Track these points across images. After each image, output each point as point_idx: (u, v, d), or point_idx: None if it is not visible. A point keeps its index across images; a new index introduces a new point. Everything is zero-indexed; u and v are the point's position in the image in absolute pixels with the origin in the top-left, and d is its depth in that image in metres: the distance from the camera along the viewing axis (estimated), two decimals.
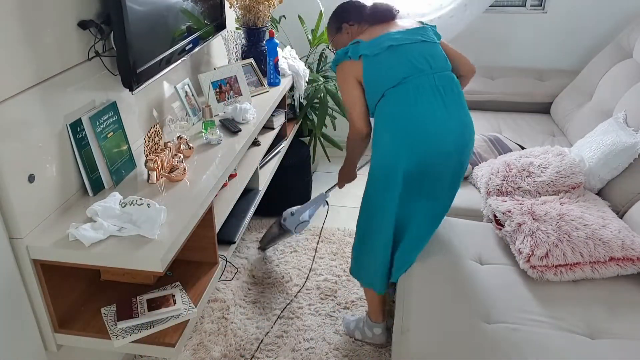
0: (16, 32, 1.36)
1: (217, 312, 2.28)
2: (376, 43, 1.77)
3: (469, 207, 2.18)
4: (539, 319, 1.57)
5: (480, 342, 1.49)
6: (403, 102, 1.73)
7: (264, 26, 2.71)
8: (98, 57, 1.67)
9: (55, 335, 1.60)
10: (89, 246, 1.44)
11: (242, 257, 2.64)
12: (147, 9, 1.76)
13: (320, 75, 3.16)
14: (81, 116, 1.63)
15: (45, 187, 1.52)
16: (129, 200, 1.56)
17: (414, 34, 1.80)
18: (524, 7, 3.23)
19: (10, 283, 1.45)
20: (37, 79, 1.45)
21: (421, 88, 1.72)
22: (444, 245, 1.89)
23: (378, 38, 1.77)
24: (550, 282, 1.71)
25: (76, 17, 1.58)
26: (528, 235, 1.77)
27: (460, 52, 1.94)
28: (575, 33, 3.17)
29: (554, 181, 2.06)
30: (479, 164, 2.35)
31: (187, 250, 1.73)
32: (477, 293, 1.67)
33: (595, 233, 1.75)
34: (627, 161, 2.04)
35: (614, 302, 1.64)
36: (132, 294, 1.70)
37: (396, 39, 1.77)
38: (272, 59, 2.64)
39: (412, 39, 1.78)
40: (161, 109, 2.17)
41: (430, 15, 3.11)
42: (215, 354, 2.08)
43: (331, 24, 1.97)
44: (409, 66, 1.74)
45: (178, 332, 1.59)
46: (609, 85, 2.59)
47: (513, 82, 3.09)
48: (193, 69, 2.46)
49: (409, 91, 1.72)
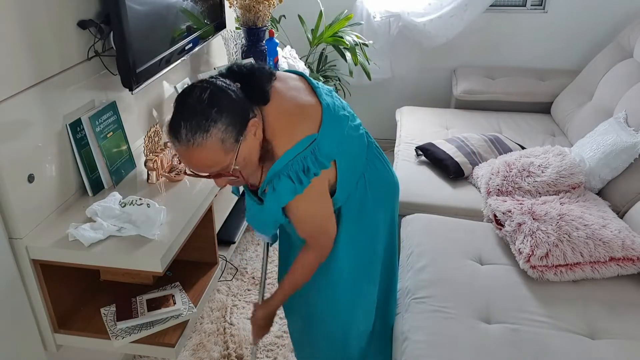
0: (16, 32, 1.36)
1: (217, 312, 2.28)
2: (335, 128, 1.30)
3: (469, 207, 2.18)
4: (539, 319, 1.57)
5: (480, 342, 1.49)
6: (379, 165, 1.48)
7: (264, 26, 2.71)
8: (98, 56, 1.67)
9: (54, 335, 1.60)
10: (88, 246, 1.44)
11: (242, 257, 2.63)
12: (146, 8, 1.76)
13: (320, 75, 3.16)
14: (81, 116, 1.63)
15: (44, 187, 1.51)
16: (128, 200, 1.56)
17: (325, 93, 1.35)
18: (524, 7, 3.22)
19: (10, 283, 1.45)
20: (36, 79, 1.45)
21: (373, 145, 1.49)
22: (444, 245, 1.89)
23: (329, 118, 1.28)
24: (550, 282, 1.71)
25: (76, 17, 1.58)
26: (528, 235, 1.77)
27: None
28: (575, 33, 3.17)
29: (554, 181, 2.05)
30: (479, 164, 2.35)
31: (187, 250, 1.72)
32: (477, 293, 1.66)
33: (595, 233, 1.74)
34: (627, 161, 2.04)
35: (614, 302, 1.64)
36: (132, 294, 1.70)
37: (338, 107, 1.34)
38: (272, 59, 2.64)
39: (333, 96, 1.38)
40: (161, 108, 2.17)
41: (430, 15, 3.10)
42: (215, 354, 2.08)
43: (222, 129, 1.13)
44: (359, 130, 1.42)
45: (178, 332, 1.59)
46: (609, 85, 2.59)
47: (513, 82, 3.09)
48: (193, 68, 2.46)
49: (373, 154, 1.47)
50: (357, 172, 1.41)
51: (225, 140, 1.13)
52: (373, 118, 3.58)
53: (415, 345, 1.50)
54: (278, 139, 1.23)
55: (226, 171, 1.18)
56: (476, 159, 2.38)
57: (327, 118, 1.28)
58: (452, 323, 1.56)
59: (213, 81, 1.18)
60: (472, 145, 2.44)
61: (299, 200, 1.26)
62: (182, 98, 1.16)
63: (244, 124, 1.16)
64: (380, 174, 1.46)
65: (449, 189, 2.30)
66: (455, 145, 2.43)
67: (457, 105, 3.14)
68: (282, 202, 1.27)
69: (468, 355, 1.45)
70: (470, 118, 2.95)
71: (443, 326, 1.55)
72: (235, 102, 1.16)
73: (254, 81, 1.24)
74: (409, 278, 1.77)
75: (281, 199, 1.26)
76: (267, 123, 1.23)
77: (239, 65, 1.27)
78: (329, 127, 1.27)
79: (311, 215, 1.34)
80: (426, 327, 1.55)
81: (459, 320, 1.56)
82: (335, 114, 1.31)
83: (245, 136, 1.17)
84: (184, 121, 1.12)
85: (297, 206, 1.29)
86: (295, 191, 1.24)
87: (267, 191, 1.28)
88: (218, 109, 1.12)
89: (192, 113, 1.12)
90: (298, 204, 1.28)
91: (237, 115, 1.15)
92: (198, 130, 1.11)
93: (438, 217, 2.07)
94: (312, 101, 1.30)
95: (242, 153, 1.17)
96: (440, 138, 2.60)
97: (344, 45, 2.95)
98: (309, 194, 1.26)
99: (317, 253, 1.40)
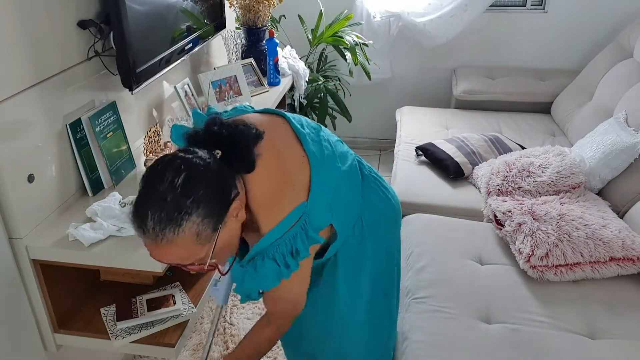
0: (16, 32, 1.36)
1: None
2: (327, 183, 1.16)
3: (469, 207, 2.18)
4: (539, 319, 1.57)
5: (480, 342, 1.49)
6: (376, 197, 1.34)
7: (264, 26, 2.71)
8: (97, 56, 1.67)
9: (54, 335, 1.60)
10: (88, 246, 1.44)
11: None
12: (146, 8, 1.76)
13: (320, 75, 3.16)
14: (81, 116, 1.63)
15: (44, 187, 1.51)
16: (128, 200, 1.56)
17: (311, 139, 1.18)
18: (524, 7, 3.22)
19: (10, 283, 1.45)
20: (36, 79, 1.45)
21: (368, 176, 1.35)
22: (444, 245, 1.89)
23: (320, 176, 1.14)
24: (550, 282, 1.71)
25: (76, 17, 1.58)
26: (528, 235, 1.77)
27: None
28: (575, 33, 3.17)
29: (555, 181, 2.06)
30: (479, 164, 2.35)
31: None
32: (477, 293, 1.66)
33: (595, 233, 1.74)
34: (627, 161, 2.04)
35: (614, 302, 1.64)
36: (132, 294, 1.70)
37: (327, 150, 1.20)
38: (272, 59, 2.64)
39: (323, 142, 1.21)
40: (161, 108, 2.17)
41: (430, 15, 3.10)
42: (215, 354, 2.08)
43: (196, 226, 0.95)
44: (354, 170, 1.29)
45: (178, 332, 1.59)
46: (609, 85, 2.59)
47: (513, 82, 3.09)
48: (193, 68, 2.45)
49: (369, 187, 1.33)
50: (353, 217, 1.27)
51: (200, 233, 0.95)
52: (373, 118, 3.59)
53: (415, 345, 1.50)
54: (262, 213, 1.08)
55: (201, 263, 1.01)
56: (476, 159, 2.38)
57: (317, 177, 1.12)
58: (452, 323, 1.56)
59: (189, 159, 0.97)
60: (472, 145, 2.44)
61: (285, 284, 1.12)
62: (150, 180, 0.96)
63: (224, 210, 0.98)
64: (378, 209, 1.32)
65: (449, 189, 2.30)
66: (455, 145, 2.43)
67: (457, 105, 3.14)
68: (265, 286, 1.12)
69: (468, 355, 1.45)
70: (470, 118, 2.95)
71: (443, 326, 1.55)
72: (215, 186, 0.98)
73: (238, 148, 1.03)
74: (409, 278, 1.77)
75: (263, 283, 1.11)
76: (251, 194, 1.06)
77: (220, 124, 1.05)
78: (319, 188, 1.12)
79: (285, 299, 1.19)
80: (426, 327, 1.55)
81: (459, 320, 1.56)
82: (324, 164, 1.15)
83: (225, 222, 0.99)
84: (152, 212, 0.93)
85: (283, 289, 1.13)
86: (281, 275, 1.09)
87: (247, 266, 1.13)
88: (193, 199, 0.93)
89: (161, 203, 0.93)
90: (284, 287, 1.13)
91: (216, 203, 0.97)
92: (168, 224, 0.93)
93: (438, 217, 2.07)
94: (297, 159, 1.13)
95: (221, 241, 1.00)
96: (440, 138, 2.60)
97: (344, 45, 2.95)
98: (292, 277, 1.11)
99: (275, 329, 1.26)
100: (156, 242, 0.95)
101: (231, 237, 1.03)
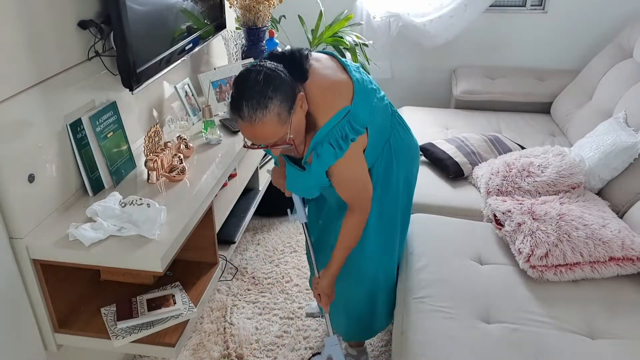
0: (16, 32, 1.36)
1: (217, 312, 2.28)
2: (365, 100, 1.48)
3: (469, 207, 2.18)
4: (539, 318, 1.57)
5: (480, 342, 1.49)
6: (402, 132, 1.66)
7: (264, 26, 2.71)
8: (98, 57, 1.67)
9: (55, 335, 1.60)
10: (88, 246, 1.44)
11: (242, 257, 2.64)
12: (147, 8, 1.76)
13: None
14: (81, 116, 1.63)
15: (45, 187, 1.52)
16: (128, 200, 1.56)
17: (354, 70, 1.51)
18: (524, 7, 3.22)
19: (10, 283, 1.45)
20: (37, 79, 1.45)
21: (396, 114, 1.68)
22: (444, 245, 1.89)
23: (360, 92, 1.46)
24: (550, 282, 1.71)
25: (76, 17, 1.58)
26: (528, 235, 1.77)
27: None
28: (575, 33, 3.17)
29: (554, 181, 2.06)
30: (479, 164, 2.35)
31: (187, 250, 1.73)
32: (477, 293, 1.67)
33: (595, 233, 1.75)
34: (627, 161, 2.04)
35: (614, 302, 1.64)
36: (132, 294, 1.70)
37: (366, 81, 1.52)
38: None
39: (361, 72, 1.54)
40: (161, 108, 2.17)
41: (430, 15, 3.11)
42: (215, 354, 2.08)
43: (278, 105, 1.29)
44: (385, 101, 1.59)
45: (178, 332, 1.60)
46: (609, 85, 2.59)
47: (513, 82, 3.09)
48: (193, 68, 2.46)
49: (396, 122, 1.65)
50: (383, 138, 1.58)
51: (280, 114, 1.30)
52: None
53: (415, 344, 1.51)
54: (319, 111, 1.41)
55: (283, 140, 1.35)
56: (476, 159, 2.38)
57: (358, 91, 1.45)
58: (452, 323, 1.56)
59: (264, 64, 1.33)
60: (472, 145, 2.44)
61: (339, 164, 1.44)
62: (240, 81, 1.32)
63: (293, 98, 1.33)
64: (402, 139, 1.64)
65: (449, 189, 2.30)
66: (455, 145, 2.43)
67: (457, 105, 3.14)
68: (326, 165, 1.44)
69: (468, 355, 1.46)
70: (470, 118, 2.95)
71: (443, 326, 1.55)
72: (285, 80, 1.32)
73: (295, 62, 1.40)
74: (409, 278, 1.77)
75: (325, 163, 1.44)
76: (309, 98, 1.40)
77: (278, 51, 1.46)
78: (360, 99, 1.45)
79: (352, 178, 1.50)
80: (426, 327, 1.55)
81: (459, 320, 1.56)
82: (365, 87, 1.48)
83: (294, 109, 1.33)
84: (245, 101, 1.28)
85: (339, 169, 1.46)
86: (337, 156, 1.42)
87: (311, 158, 1.45)
88: (273, 88, 1.28)
89: (251, 93, 1.28)
90: (339, 168, 1.45)
91: (287, 91, 1.31)
92: (258, 108, 1.27)
93: (438, 217, 2.07)
94: (344, 77, 1.46)
95: (294, 124, 1.35)
96: (440, 138, 2.60)
97: (344, 45, 2.95)
98: (348, 158, 1.43)
99: (359, 214, 1.56)
100: (251, 123, 1.29)
101: (300, 123, 1.39)
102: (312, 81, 1.41)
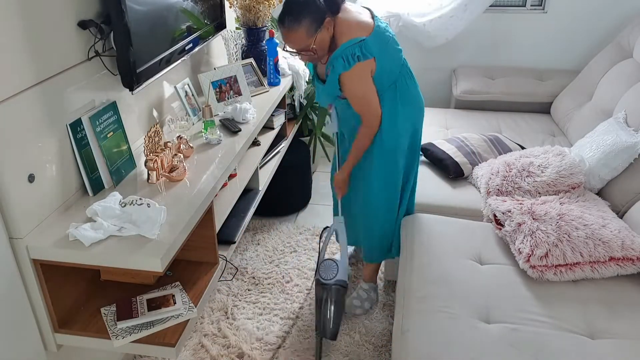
0: (16, 32, 1.36)
1: (217, 312, 2.28)
2: (380, 40, 1.86)
3: (469, 207, 2.18)
4: (539, 319, 1.57)
5: (480, 342, 1.49)
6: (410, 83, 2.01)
7: (264, 26, 2.71)
8: (98, 57, 1.67)
9: (55, 335, 1.60)
10: (88, 246, 1.44)
11: (242, 257, 2.64)
12: (147, 8, 1.76)
13: None
14: (81, 116, 1.63)
15: (45, 187, 1.51)
16: (128, 200, 1.56)
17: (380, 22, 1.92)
18: (524, 7, 3.22)
19: (10, 283, 1.45)
20: (37, 79, 1.45)
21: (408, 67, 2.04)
22: (444, 245, 1.89)
23: (377, 33, 1.86)
24: (550, 282, 1.71)
25: (76, 17, 1.58)
26: (528, 235, 1.77)
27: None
28: (575, 33, 3.17)
29: (554, 181, 2.06)
30: (479, 164, 2.35)
31: (187, 250, 1.73)
32: (477, 293, 1.67)
33: (595, 233, 1.75)
34: (627, 161, 2.04)
35: (614, 302, 1.64)
36: (132, 294, 1.70)
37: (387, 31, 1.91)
38: (272, 59, 2.64)
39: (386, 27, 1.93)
40: (161, 108, 2.17)
41: (430, 15, 3.10)
42: (215, 354, 2.08)
43: (308, 22, 1.79)
44: (399, 53, 1.97)
45: (178, 332, 1.59)
46: (609, 85, 2.59)
47: (513, 82, 3.09)
48: (193, 68, 2.46)
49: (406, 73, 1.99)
50: (390, 78, 1.93)
51: (309, 28, 1.79)
52: None
53: (415, 344, 1.51)
54: (341, 38, 1.84)
55: (307, 48, 1.84)
56: (476, 159, 2.38)
57: (376, 32, 1.86)
58: (452, 323, 1.56)
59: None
60: (472, 145, 2.44)
61: (347, 77, 1.85)
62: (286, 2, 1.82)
63: (321, 21, 1.80)
64: (409, 88, 1.99)
65: (449, 189, 2.30)
66: (455, 145, 2.43)
67: (457, 105, 3.14)
68: (336, 74, 1.86)
69: (468, 355, 1.46)
70: (470, 118, 2.95)
71: (443, 326, 1.55)
72: (319, 7, 1.79)
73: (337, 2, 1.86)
74: (409, 277, 1.77)
75: (336, 73, 1.86)
76: (337, 27, 1.85)
77: None
78: (375, 37, 1.85)
79: (358, 92, 1.90)
80: (426, 326, 1.56)
81: (459, 320, 1.56)
82: (383, 33, 1.88)
83: (321, 29, 1.81)
84: (287, 15, 1.79)
85: (348, 82, 1.87)
86: (345, 67, 1.83)
87: (329, 71, 1.89)
88: (308, 10, 1.78)
89: (291, 9, 1.79)
90: (348, 80, 1.86)
91: (318, 14, 1.79)
92: (295, 20, 1.78)
93: (438, 217, 2.07)
94: (370, 22, 1.88)
95: (318, 39, 1.83)
96: (440, 138, 2.60)
97: None
98: (355, 74, 1.84)
99: (367, 125, 1.95)
100: (289, 30, 1.81)
101: (323, 40, 1.85)
102: (343, 16, 1.86)
